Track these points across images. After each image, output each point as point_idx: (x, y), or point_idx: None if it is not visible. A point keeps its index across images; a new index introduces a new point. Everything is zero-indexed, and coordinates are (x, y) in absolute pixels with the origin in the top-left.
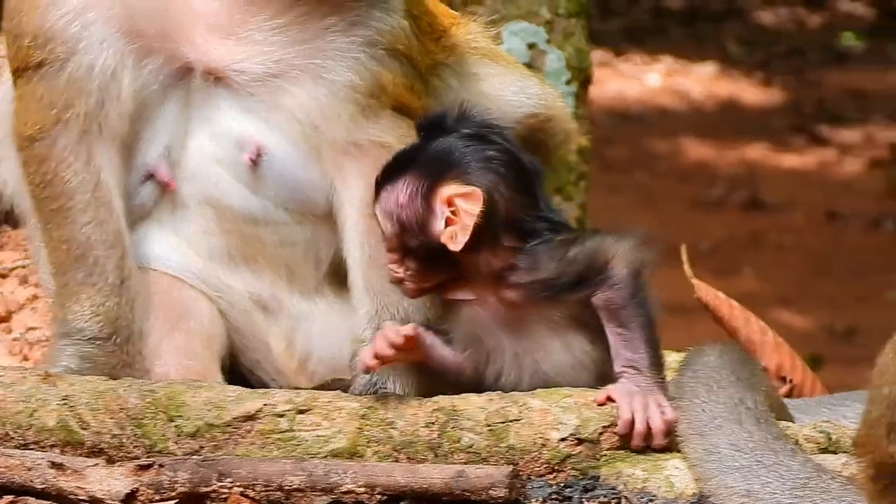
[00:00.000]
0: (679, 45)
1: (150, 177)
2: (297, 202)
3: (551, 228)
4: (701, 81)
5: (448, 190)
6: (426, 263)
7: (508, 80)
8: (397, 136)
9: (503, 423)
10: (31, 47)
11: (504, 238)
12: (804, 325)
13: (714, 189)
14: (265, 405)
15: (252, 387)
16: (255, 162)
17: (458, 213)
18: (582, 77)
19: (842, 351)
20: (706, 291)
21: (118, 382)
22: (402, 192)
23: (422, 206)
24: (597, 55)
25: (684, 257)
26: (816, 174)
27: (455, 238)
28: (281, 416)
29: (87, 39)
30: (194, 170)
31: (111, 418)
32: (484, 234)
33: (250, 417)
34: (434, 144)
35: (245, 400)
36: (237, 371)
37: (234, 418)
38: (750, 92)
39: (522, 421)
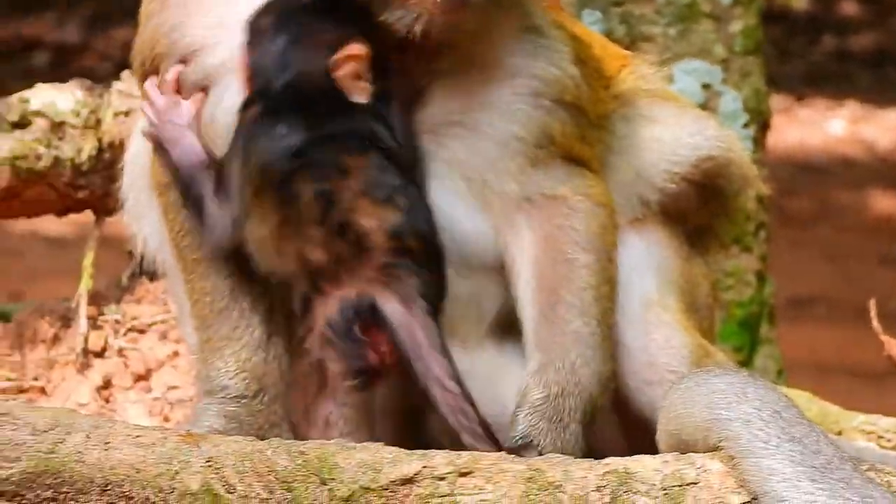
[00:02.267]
0: (865, 89)
1: None
2: (462, 256)
3: None
4: (890, 129)
5: None
6: None
7: (683, 122)
8: (571, 186)
9: (679, 486)
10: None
11: None
12: None
13: None
14: (424, 467)
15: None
16: None
17: None
18: (760, 120)
19: None
20: None
21: (266, 443)
22: None
23: None
24: (775, 100)
25: (873, 313)
26: None
27: None
28: (441, 479)
29: (212, 84)
30: None
31: (259, 481)
32: None
33: (408, 480)
34: None
35: (402, 462)
36: None
37: (391, 481)
38: None
39: (700, 484)
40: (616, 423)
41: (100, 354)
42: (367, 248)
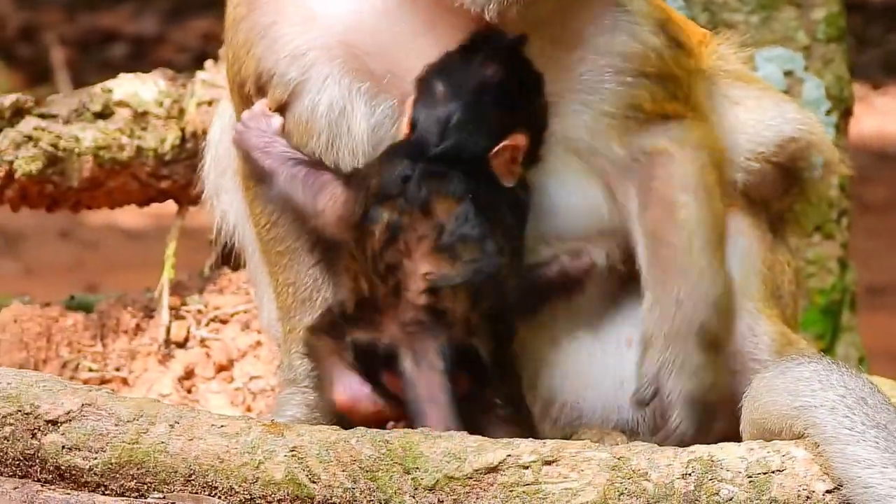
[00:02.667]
0: None
1: None
2: (559, 231)
3: None
4: None
5: None
6: None
7: (765, 104)
8: (668, 137)
9: (765, 473)
10: (254, 94)
11: None
12: None
13: None
14: (508, 456)
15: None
16: None
17: None
18: (842, 107)
19: None
20: None
21: (350, 432)
22: None
23: None
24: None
25: None
26: None
27: None
28: (526, 467)
29: (309, 81)
30: None
31: (343, 471)
32: None
33: (493, 469)
34: None
35: (487, 450)
36: None
37: (476, 470)
38: None
39: (786, 472)
40: None
41: (182, 345)
42: (400, 299)
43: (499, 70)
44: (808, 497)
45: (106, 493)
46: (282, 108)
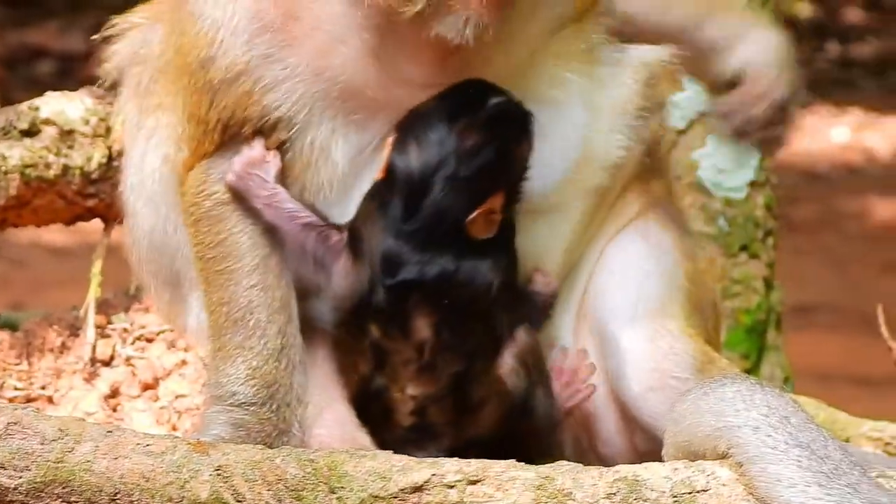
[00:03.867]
0: (868, 97)
1: None
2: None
3: None
4: (893, 136)
5: None
6: None
7: None
8: None
9: (689, 493)
10: (247, 135)
11: None
12: None
13: None
14: (433, 475)
15: None
16: None
17: None
18: None
19: None
20: None
21: (275, 451)
22: None
23: None
24: None
25: (882, 320)
26: None
27: None
28: (451, 486)
29: (311, 123)
30: None
31: (268, 490)
32: None
33: (417, 489)
34: None
35: (412, 470)
36: None
37: (401, 489)
38: None
39: (710, 491)
40: (622, 429)
41: (107, 363)
42: (389, 419)
43: (480, 138)
44: None
45: None
46: (280, 146)
